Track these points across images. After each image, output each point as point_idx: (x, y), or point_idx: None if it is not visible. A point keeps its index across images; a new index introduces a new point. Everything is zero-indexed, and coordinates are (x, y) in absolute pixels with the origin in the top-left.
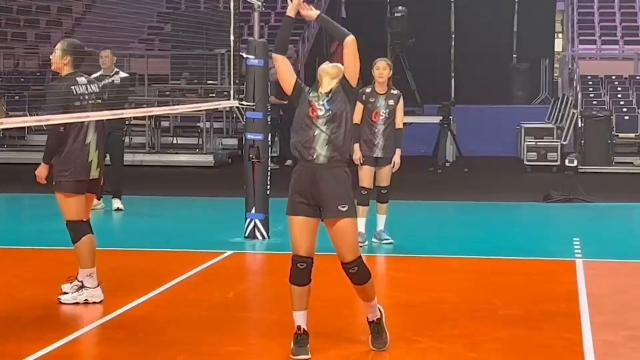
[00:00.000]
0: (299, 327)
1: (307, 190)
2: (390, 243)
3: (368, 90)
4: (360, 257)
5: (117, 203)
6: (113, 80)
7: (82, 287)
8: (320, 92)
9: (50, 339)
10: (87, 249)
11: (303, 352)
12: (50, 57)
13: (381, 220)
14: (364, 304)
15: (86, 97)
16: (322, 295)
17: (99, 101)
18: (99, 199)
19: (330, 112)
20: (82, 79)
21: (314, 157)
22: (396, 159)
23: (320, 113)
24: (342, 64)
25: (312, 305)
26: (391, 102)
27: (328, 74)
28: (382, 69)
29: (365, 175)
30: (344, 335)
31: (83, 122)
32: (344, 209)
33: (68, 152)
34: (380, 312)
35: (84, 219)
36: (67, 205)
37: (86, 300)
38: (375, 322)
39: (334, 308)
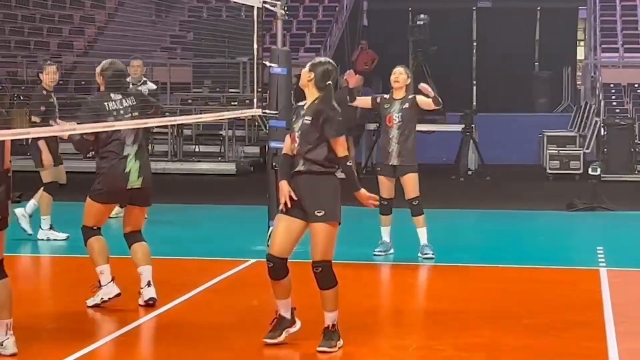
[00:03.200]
0: (276, 312)
1: (296, 195)
2: (431, 258)
3: (387, 96)
4: (328, 261)
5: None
6: (141, 90)
7: (99, 287)
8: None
9: (73, 347)
10: (94, 248)
11: (271, 336)
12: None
13: (422, 234)
14: (324, 313)
15: (121, 112)
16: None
17: (136, 113)
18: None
19: (304, 131)
20: (116, 95)
21: (296, 167)
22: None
23: (297, 134)
24: (361, 71)
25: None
26: (406, 105)
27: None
28: (398, 73)
29: (383, 186)
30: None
31: (119, 140)
32: (319, 214)
33: (109, 166)
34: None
35: (96, 227)
36: (88, 211)
37: (102, 299)
38: (329, 327)
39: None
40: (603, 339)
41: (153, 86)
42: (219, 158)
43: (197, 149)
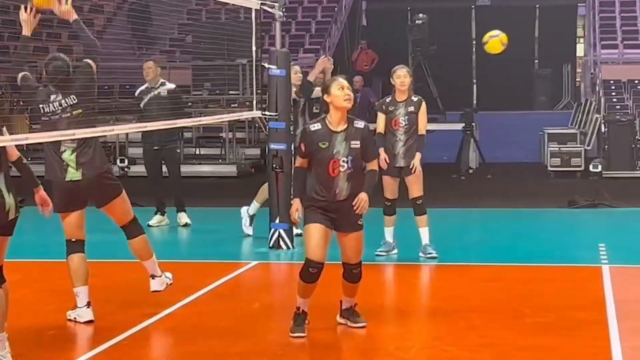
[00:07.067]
0: (298, 308)
1: (331, 208)
2: (434, 257)
3: (388, 99)
4: (361, 260)
5: (184, 218)
6: (159, 92)
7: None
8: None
9: (77, 351)
10: (69, 267)
11: (300, 330)
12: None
13: (424, 234)
14: (346, 299)
15: (58, 112)
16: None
17: (79, 111)
18: (162, 215)
19: (352, 170)
20: (56, 95)
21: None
22: (415, 161)
23: (342, 170)
24: (361, 71)
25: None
26: (411, 108)
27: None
28: (402, 77)
29: (388, 186)
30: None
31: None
32: (360, 223)
33: (47, 164)
34: None
35: (74, 239)
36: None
37: (75, 319)
38: (353, 306)
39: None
40: (607, 337)
41: (172, 86)
42: (220, 160)
43: (197, 152)
